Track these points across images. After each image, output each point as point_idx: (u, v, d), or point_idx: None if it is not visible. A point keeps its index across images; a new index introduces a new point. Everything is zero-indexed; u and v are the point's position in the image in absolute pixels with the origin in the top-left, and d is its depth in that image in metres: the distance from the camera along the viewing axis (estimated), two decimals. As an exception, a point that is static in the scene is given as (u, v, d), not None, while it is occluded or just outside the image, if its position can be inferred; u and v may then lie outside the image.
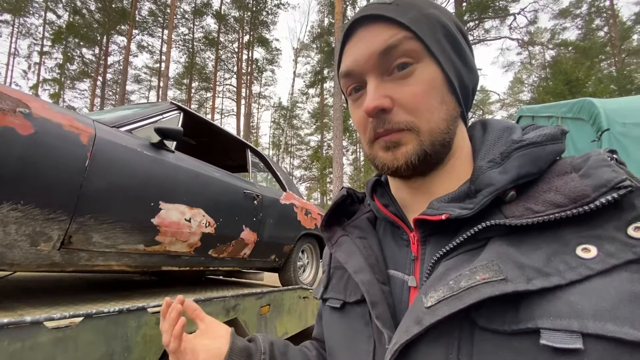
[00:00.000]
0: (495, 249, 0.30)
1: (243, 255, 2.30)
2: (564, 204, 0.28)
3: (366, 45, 0.37)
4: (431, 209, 0.36)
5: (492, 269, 0.28)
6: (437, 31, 0.37)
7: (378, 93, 0.36)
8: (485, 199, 0.33)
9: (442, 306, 0.29)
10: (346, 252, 0.43)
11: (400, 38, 0.35)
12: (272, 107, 31.50)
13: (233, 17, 25.97)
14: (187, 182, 1.80)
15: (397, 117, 0.36)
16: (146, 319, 1.34)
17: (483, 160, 0.36)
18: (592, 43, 21.65)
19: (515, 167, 0.33)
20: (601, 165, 0.29)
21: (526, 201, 0.31)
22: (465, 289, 0.28)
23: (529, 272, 0.27)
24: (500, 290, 0.26)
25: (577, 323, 0.24)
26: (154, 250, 1.66)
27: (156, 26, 24.58)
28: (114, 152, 1.43)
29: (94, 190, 1.33)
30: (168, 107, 1.93)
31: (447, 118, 0.37)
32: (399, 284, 0.38)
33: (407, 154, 0.36)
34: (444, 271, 0.32)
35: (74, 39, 22.24)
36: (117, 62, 25.36)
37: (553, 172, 0.32)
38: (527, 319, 0.26)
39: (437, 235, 0.37)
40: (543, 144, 0.33)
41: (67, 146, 1.24)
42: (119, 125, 1.57)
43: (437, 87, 0.36)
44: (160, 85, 24.72)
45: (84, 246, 1.35)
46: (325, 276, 0.50)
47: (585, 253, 0.26)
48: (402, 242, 0.41)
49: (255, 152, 2.82)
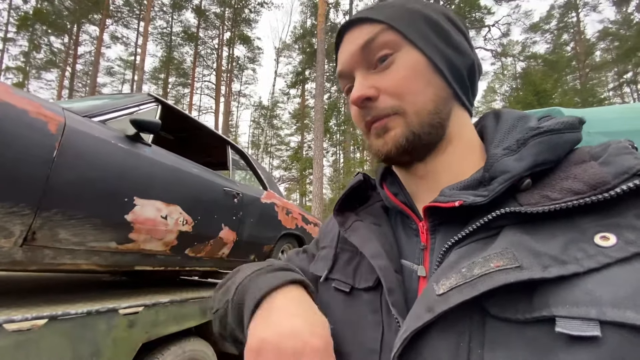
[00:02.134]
0: (510, 237, 0.29)
1: (221, 255, 2.23)
2: (583, 191, 0.28)
3: (349, 45, 0.40)
4: (443, 196, 0.35)
5: (507, 256, 0.27)
6: (417, 21, 0.38)
7: (363, 84, 0.38)
8: (500, 186, 0.32)
9: (454, 293, 0.28)
10: (361, 237, 0.41)
11: (377, 31, 0.38)
12: (253, 106, 31.10)
13: (214, 12, 25.43)
14: (164, 178, 1.72)
15: (383, 104, 0.37)
16: (117, 321, 1.27)
17: (498, 147, 0.35)
18: (559, 57, 22.97)
19: (532, 154, 0.32)
20: (622, 152, 0.29)
21: (542, 189, 0.31)
22: (479, 277, 0.27)
23: (545, 259, 0.26)
24: (516, 277, 0.26)
25: (595, 310, 0.23)
26: (127, 249, 1.58)
27: (131, 17, 23.62)
28: (86, 143, 1.35)
29: (62, 183, 1.24)
30: (145, 98, 1.85)
31: (434, 99, 0.37)
32: (408, 273, 0.38)
33: (395, 137, 0.37)
34: (456, 259, 0.31)
35: (42, 26, 20.94)
36: (88, 52, 24.15)
37: (570, 161, 0.32)
38: (541, 307, 0.25)
39: (446, 224, 0.36)
40: (561, 132, 0.32)
41: (33, 135, 1.15)
42: (91, 115, 1.48)
43: (420, 70, 0.37)
44: (134, 78, 23.77)
45: (50, 243, 1.25)
46: (331, 256, 0.46)
47: (604, 241, 0.26)
48: (411, 232, 0.41)
49: (236, 150, 2.76)
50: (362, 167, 21.50)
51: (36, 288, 1.72)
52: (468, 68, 0.40)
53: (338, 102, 24.63)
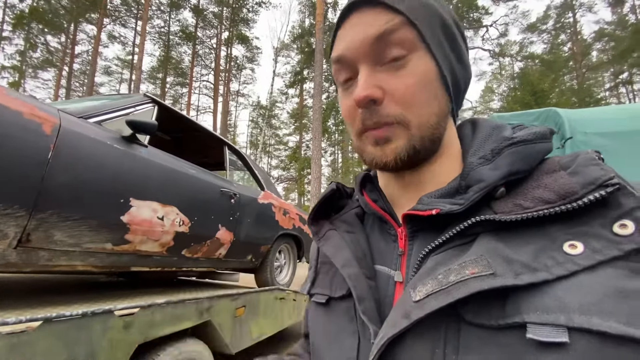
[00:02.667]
0: (485, 244, 0.30)
1: (218, 255, 2.23)
2: (553, 200, 0.29)
3: (360, 30, 0.35)
4: (421, 204, 0.36)
5: (481, 263, 0.28)
6: (434, 22, 0.36)
7: (369, 82, 0.35)
8: (476, 194, 0.32)
9: (430, 300, 0.28)
10: (333, 246, 0.42)
11: (397, 23, 0.34)
12: (251, 106, 31.09)
13: (212, 12, 25.37)
14: (160, 179, 1.72)
15: (387, 110, 0.35)
16: (113, 323, 1.26)
17: (474, 156, 0.36)
18: (556, 57, 23.08)
19: (506, 163, 0.33)
20: (590, 163, 0.30)
21: (515, 197, 0.31)
22: (454, 283, 0.28)
23: (517, 267, 0.27)
24: (489, 284, 0.26)
25: (564, 317, 0.24)
26: (123, 250, 1.57)
27: (129, 16, 23.56)
28: (81, 145, 1.34)
29: (58, 184, 1.24)
30: (141, 99, 1.84)
31: (438, 113, 0.36)
32: (385, 279, 0.38)
33: (396, 150, 0.35)
34: (432, 266, 0.32)
35: (38, 25, 20.82)
36: (85, 51, 24.06)
37: (542, 170, 0.33)
38: (513, 314, 0.26)
39: (425, 230, 0.37)
40: (534, 142, 0.33)
41: (28, 136, 1.14)
42: (86, 116, 1.47)
43: (430, 81, 0.35)
44: (132, 78, 23.68)
45: (45, 245, 1.25)
46: (312, 271, 0.48)
47: (572, 249, 0.27)
48: (389, 238, 0.41)
49: (234, 150, 2.75)
50: (361, 167, 21.53)
51: (30, 290, 1.71)
52: (466, 82, 0.40)
53: (336, 101, 24.64)
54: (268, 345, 2.61)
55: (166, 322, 1.53)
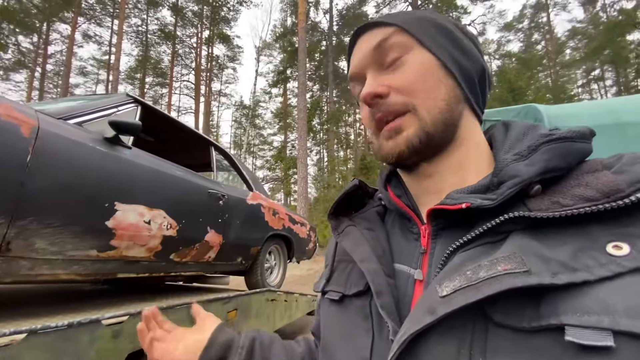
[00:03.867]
0: (517, 242, 0.29)
1: (208, 258, 2.19)
2: (596, 198, 0.27)
3: (362, 47, 0.40)
4: (450, 199, 0.35)
5: (515, 260, 0.27)
6: (427, 26, 0.39)
7: (373, 82, 0.38)
8: (509, 190, 0.31)
9: (457, 296, 0.27)
10: (353, 241, 0.42)
11: (390, 33, 0.38)
12: (234, 106, 30.68)
13: (191, 10, 24.86)
14: (146, 181, 1.67)
15: (393, 100, 0.37)
16: (100, 332, 1.21)
17: (507, 153, 0.35)
18: (532, 55, 23.88)
19: (543, 160, 0.31)
20: (637, 162, 0.28)
21: (552, 195, 0.30)
22: (485, 279, 0.26)
23: (554, 266, 0.25)
24: (524, 282, 0.25)
25: (608, 319, 0.22)
26: (109, 256, 1.52)
27: (105, 15, 22.79)
28: (61, 147, 1.28)
29: (37, 189, 1.18)
30: (124, 99, 1.78)
31: (446, 98, 0.37)
32: (404, 277, 0.37)
33: (408, 138, 0.37)
34: (460, 262, 0.31)
35: (9, 25, 19.85)
36: (59, 52, 23.11)
37: (582, 170, 0.31)
38: (549, 315, 0.24)
39: (450, 228, 0.36)
40: (573, 140, 0.32)
41: (4, 139, 1.08)
42: (66, 117, 1.41)
43: (430, 69, 0.37)
44: (109, 79, 22.95)
45: (25, 253, 1.19)
46: (328, 269, 0.48)
47: (616, 250, 0.25)
48: (411, 236, 0.40)
49: (220, 151, 2.71)
50: (346, 165, 21.65)
51: (12, 301, 1.63)
52: (479, 74, 0.40)
53: (320, 100, 24.68)
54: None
55: (157, 329, 1.49)
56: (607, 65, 24.35)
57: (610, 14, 22.16)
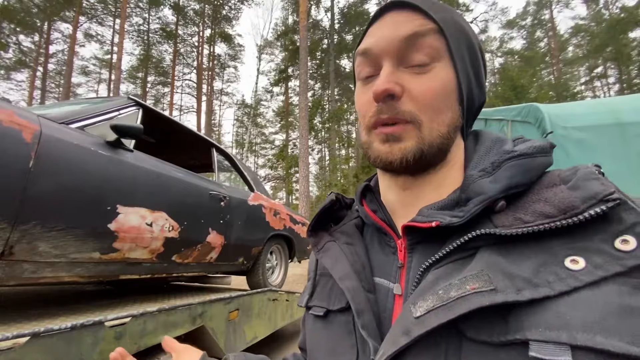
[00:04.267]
0: (485, 258, 0.30)
1: (209, 259, 2.20)
2: (553, 214, 0.28)
3: (392, 27, 0.37)
4: (421, 215, 0.36)
5: (482, 278, 0.28)
6: (461, 38, 0.38)
7: (390, 78, 0.36)
8: (475, 207, 0.32)
9: (431, 316, 0.28)
10: (332, 257, 0.42)
11: (429, 29, 0.36)
12: (235, 105, 30.69)
13: (193, 9, 24.85)
14: (147, 184, 1.68)
15: (403, 106, 0.35)
16: (104, 334, 1.23)
17: (474, 169, 0.36)
18: (534, 53, 23.71)
19: (506, 177, 0.33)
20: (590, 177, 0.29)
21: (516, 211, 0.31)
22: (455, 299, 0.27)
23: (518, 282, 0.27)
24: (490, 300, 0.26)
25: (566, 335, 0.23)
26: (112, 258, 1.53)
27: (106, 14, 22.81)
28: (64, 151, 1.29)
29: (40, 194, 1.19)
30: (125, 102, 1.79)
31: (449, 124, 0.37)
32: (384, 291, 0.38)
33: (404, 150, 0.36)
34: (433, 280, 0.31)
35: (9, 25, 19.90)
36: (60, 51, 23.17)
37: (542, 184, 0.32)
38: (515, 330, 0.25)
39: (425, 243, 0.37)
40: (533, 156, 0.33)
41: (7, 144, 1.10)
42: (68, 122, 1.42)
43: (448, 92, 0.36)
44: (111, 78, 22.99)
45: (29, 257, 1.20)
46: (310, 283, 0.48)
47: (573, 264, 0.26)
48: (388, 250, 0.41)
49: (221, 152, 2.72)
50: (348, 164, 21.61)
51: (15, 304, 1.65)
52: (480, 103, 0.41)
53: (322, 99, 24.63)
54: (262, 347, 2.59)
55: (159, 330, 1.50)
56: (610, 63, 24.16)
57: (612, 11, 21.98)
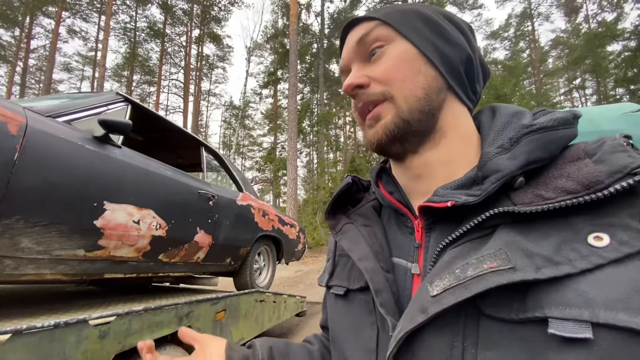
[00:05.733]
0: (503, 237, 0.29)
1: (197, 259, 2.17)
2: (576, 190, 0.27)
3: (348, 43, 0.42)
4: (436, 195, 0.35)
5: (500, 257, 0.27)
6: (410, 17, 0.39)
7: (355, 74, 0.40)
8: (492, 185, 0.32)
9: (447, 295, 0.28)
10: (350, 239, 0.42)
11: (372, 26, 0.39)
12: (223, 106, 30.43)
13: (181, 9, 24.57)
14: (135, 181, 1.65)
15: (372, 90, 0.39)
16: (87, 333, 1.20)
17: (491, 146, 0.35)
18: (517, 63, 24.48)
19: (524, 152, 0.31)
20: (617, 150, 0.28)
21: (536, 187, 0.30)
22: (472, 278, 0.27)
23: (537, 260, 0.26)
24: (508, 279, 0.26)
25: (588, 312, 0.23)
26: (97, 256, 1.49)
27: (91, 10, 22.29)
28: (50, 145, 1.26)
29: (24, 188, 1.16)
30: (114, 98, 1.76)
31: (424, 87, 0.37)
32: (403, 271, 0.38)
33: (385, 125, 0.38)
34: (450, 259, 0.31)
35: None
36: (42, 46, 22.48)
37: (565, 158, 0.31)
38: (534, 308, 0.25)
39: (442, 223, 0.36)
40: (555, 128, 0.32)
41: (-8, 136, 1.06)
42: (55, 115, 1.38)
43: (409, 59, 0.38)
44: (95, 75, 22.42)
45: (10, 252, 1.16)
46: (330, 264, 0.49)
47: (597, 241, 0.26)
48: (406, 230, 0.41)
49: (210, 151, 2.69)
50: (336, 167, 21.69)
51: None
52: (464, 61, 0.40)
53: (311, 102, 24.69)
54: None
55: (144, 330, 1.47)
56: (588, 75, 25.23)
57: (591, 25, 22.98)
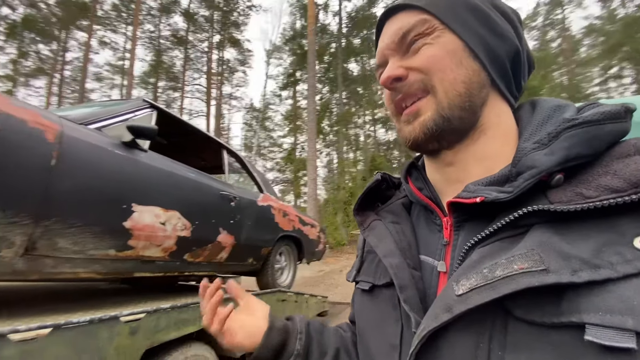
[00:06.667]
0: (538, 237, 0.28)
1: (220, 259, 2.24)
2: (623, 188, 0.25)
3: (388, 34, 0.40)
4: (466, 191, 0.34)
5: (532, 258, 0.26)
6: (456, 6, 0.37)
7: (392, 66, 0.38)
8: (526, 182, 0.30)
9: (473, 294, 0.27)
10: (377, 236, 0.42)
11: (415, 21, 0.37)
12: (244, 109, 30.99)
13: (202, 16, 25.31)
14: (161, 183, 1.72)
15: (410, 80, 0.37)
16: (119, 329, 1.26)
17: (528, 141, 0.33)
18: (546, 54, 23.35)
19: (563, 147, 0.29)
20: None
21: (576, 186, 0.28)
22: (501, 278, 0.26)
23: (574, 263, 0.24)
24: (540, 281, 0.24)
25: (632, 320, 0.21)
26: (127, 256, 1.57)
27: (120, 22, 23.40)
28: (83, 151, 1.34)
29: (61, 191, 1.24)
30: (141, 104, 1.84)
31: (466, 81, 0.35)
32: (429, 269, 0.38)
33: (424, 122, 0.36)
34: (478, 259, 0.30)
35: (30, 34, 20.61)
36: (76, 58, 23.84)
37: (613, 155, 0.29)
38: (570, 312, 0.24)
39: (472, 220, 0.35)
40: (600, 123, 0.29)
41: (32, 144, 1.15)
42: (87, 123, 1.47)
43: (451, 50, 0.36)
44: (124, 83, 23.51)
45: (50, 252, 1.25)
46: (358, 259, 0.50)
47: None
48: (434, 227, 0.40)
49: (232, 153, 2.76)
50: (356, 167, 21.57)
51: (37, 297, 1.70)
52: (512, 56, 0.37)
53: (330, 102, 24.69)
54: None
55: (171, 327, 1.53)
56: (626, 63, 23.65)
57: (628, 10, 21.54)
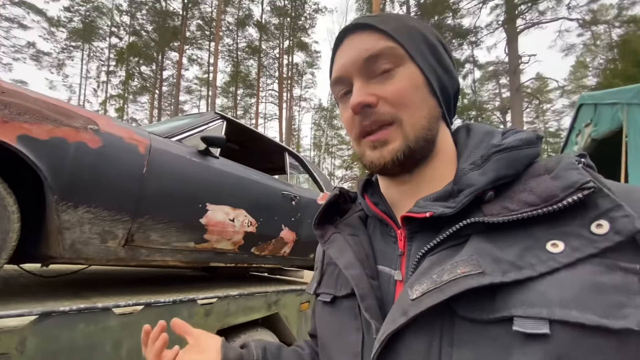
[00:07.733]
0: (475, 245, 0.33)
1: (283, 253, 2.41)
2: (536, 203, 0.31)
3: (353, 51, 0.40)
4: (417, 207, 0.38)
5: (472, 263, 0.31)
6: (417, 39, 0.40)
7: (362, 91, 0.39)
8: (466, 198, 0.35)
9: (425, 298, 0.31)
10: (337, 248, 0.45)
11: (383, 46, 0.39)
12: (313, 109, 31.96)
13: (273, 24, 26.86)
14: (230, 185, 1.94)
15: (382, 110, 0.39)
16: (196, 310, 1.48)
17: (465, 162, 0.39)
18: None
19: (493, 169, 0.35)
20: (570, 168, 0.32)
21: (503, 201, 0.34)
22: (447, 282, 0.30)
23: (504, 265, 0.29)
24: (478, 282, 0.29)
25: (546, 310, 0.26)
26: (203, 248, 1.82)
27: (204, 39, 26.29)
28: (167, 160, 1.61)
29: (151, 194, 1.51)
30: (212, 117, 2.10)
31: (428, 116, 0.40)
32: (387, 278, 0.41)
33: (393, 151, 0.39)
34: (428, 266, 0.34)
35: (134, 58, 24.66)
36: (171, 75, 27.61)
37: (529, 174, 0.35)
38: (502, 309, 0.29)
39: (422, 232, 0.39)
40: (519, 148, 0.35)
41: (128, 156, 1.43)
42: (170, 136, 1.75)
43: (418, 86, 0.39)
44: (209, 94, 26.37)
45: (144, 243, 1.53)
46: (318, 272, 0.52)
47: (554, 248, 0.29)
48: (390, 239, 0.43)
49: (294, 155, 2.93)
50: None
51: (134, 280, 2.09)
52: (454, 90, 0.43)
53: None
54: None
55: (239, 312, 1.73)
56: None
57: None
